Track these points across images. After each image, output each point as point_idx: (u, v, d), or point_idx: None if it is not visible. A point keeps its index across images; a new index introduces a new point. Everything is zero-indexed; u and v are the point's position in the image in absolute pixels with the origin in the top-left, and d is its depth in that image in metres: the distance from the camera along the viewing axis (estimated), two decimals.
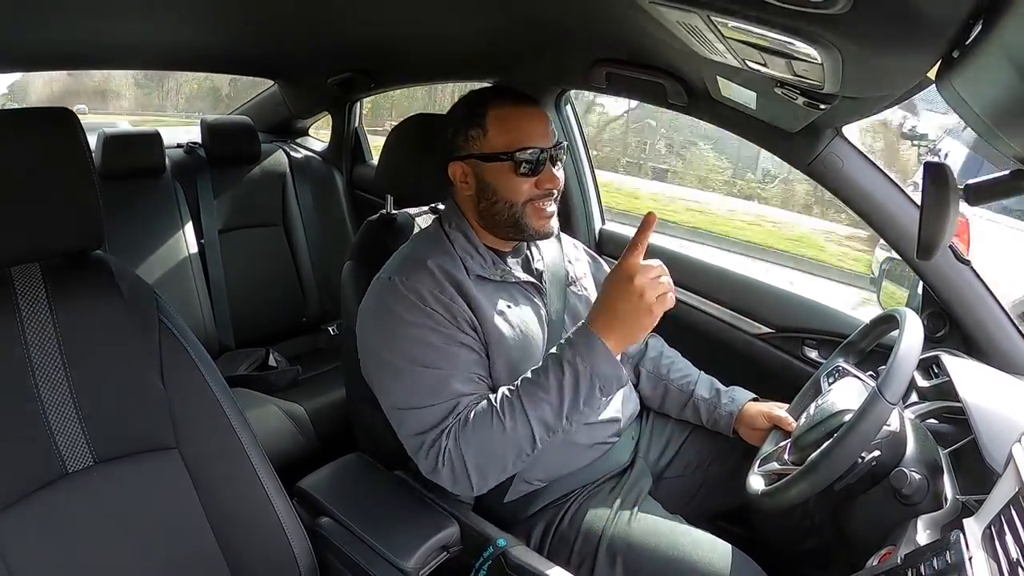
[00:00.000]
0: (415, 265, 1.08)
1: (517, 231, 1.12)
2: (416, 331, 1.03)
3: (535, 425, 0.97)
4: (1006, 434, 0.86)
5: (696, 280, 1.69)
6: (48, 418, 0.83)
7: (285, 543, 0.96)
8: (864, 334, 1.17)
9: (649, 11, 0.79)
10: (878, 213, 1.24)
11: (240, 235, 2.20)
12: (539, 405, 0.97)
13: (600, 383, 0.97)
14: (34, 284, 0.86)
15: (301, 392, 1.92)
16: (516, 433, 0.97)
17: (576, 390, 0.97)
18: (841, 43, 0.63)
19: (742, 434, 1.25)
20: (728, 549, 1.04)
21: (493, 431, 0.98)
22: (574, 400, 0.97)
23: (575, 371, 0.96)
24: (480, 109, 1.11)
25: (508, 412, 0.98)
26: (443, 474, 1.00)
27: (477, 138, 1.10)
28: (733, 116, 1.33)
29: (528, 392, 0.98)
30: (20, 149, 0.81)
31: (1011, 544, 0.68)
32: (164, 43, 1.79)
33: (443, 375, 1.02)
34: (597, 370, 0.96)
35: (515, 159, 1.07)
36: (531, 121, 1.10)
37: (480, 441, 0.98)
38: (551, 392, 0.97)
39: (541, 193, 1.10)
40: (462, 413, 1.00)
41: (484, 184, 1.11)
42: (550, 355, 1.00)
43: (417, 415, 1.01)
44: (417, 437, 1.02)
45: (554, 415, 0.98)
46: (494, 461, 0.99)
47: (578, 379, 0.96)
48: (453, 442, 0.98)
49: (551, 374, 0.98)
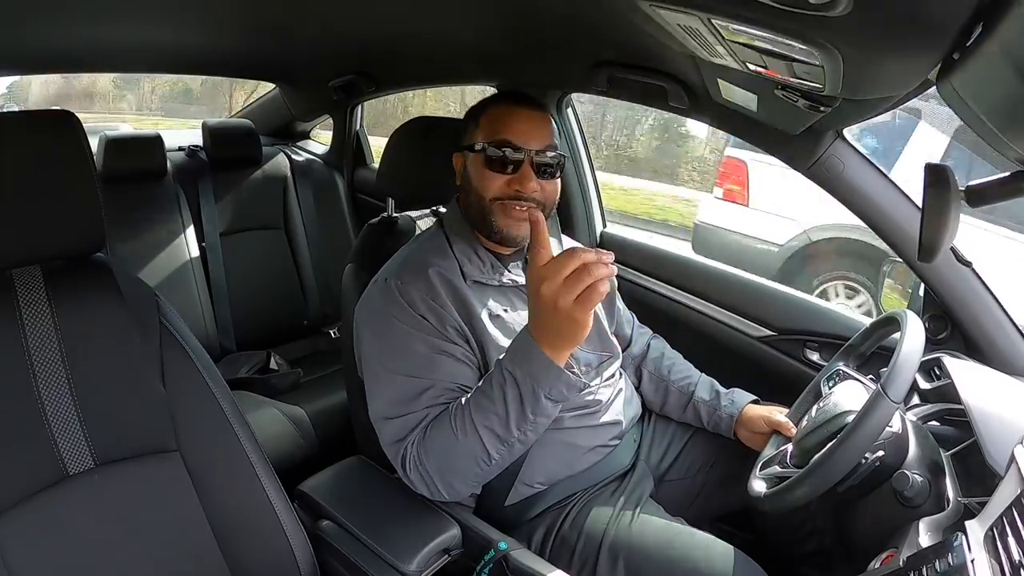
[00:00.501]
0: (412, 269, 1.09)
1: (485, 228, 1.12)
2: (404, 338, 1.04)
3: (484, 436, 0.96)
4: (1008, 436, 0.85)
5: (698, 282, 1.69)
6: (49, 421, 0.83)
7: (286, 546, 0.96)
8: (865, 337, 1.17)
9: (650, 14, 0.79)
10: (879, 215, 1.24)
11: (241, 238, 2.20)
12: (486, 415, 0.96)
13: (545, 391, 0.93)
14: (35, 287, 0.86)
15: (302, 395, 1.92)
16: (468, 444, 0.97)
17: (520, 399, 0.94)
18: (841, 45, 0.64)
19: (742, 437, 1.25)
20: (730, 551, 1.03)
21: (447, 443, 0.98)
22: (520, 409, 0.94)
23: (515, 380, 0.93)
24: (484, 104, 1.14)
25: (459, 422, 0.97)
26: (416, 482, 1.02)
27: (472, 131, 1.13)
28: (734, 119, 1.33)
29: (477, 403, 0.97)
30: (21, 152, 0.81)
31: (1013, 546, 0.68)
32: (167, 46, 1.79)
33: (422, 385, 1.02)
34: (537, 378, 0.92)
35: (485, 151, 1.08)
36: (521, 120, 1.10)
37: (437, 449, 0.99)
38: (496, 402, 0.95)
39: (511, 193, 1.08)
40: (426, 423, 1.01)
41: (467, 176, 1.13)
42: (497, 363, 0.98)
43: (392, 424, 1.03)
44: (393, 446, 1.03)
45: (501, 425, 0.95)
46: (453, 469, 0.99)
47: (519, 387, 0.93)
48: (416, 451, 1.00)
49: (495, 383, 0.96)
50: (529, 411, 0.94)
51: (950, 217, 0.76)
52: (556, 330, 0.89)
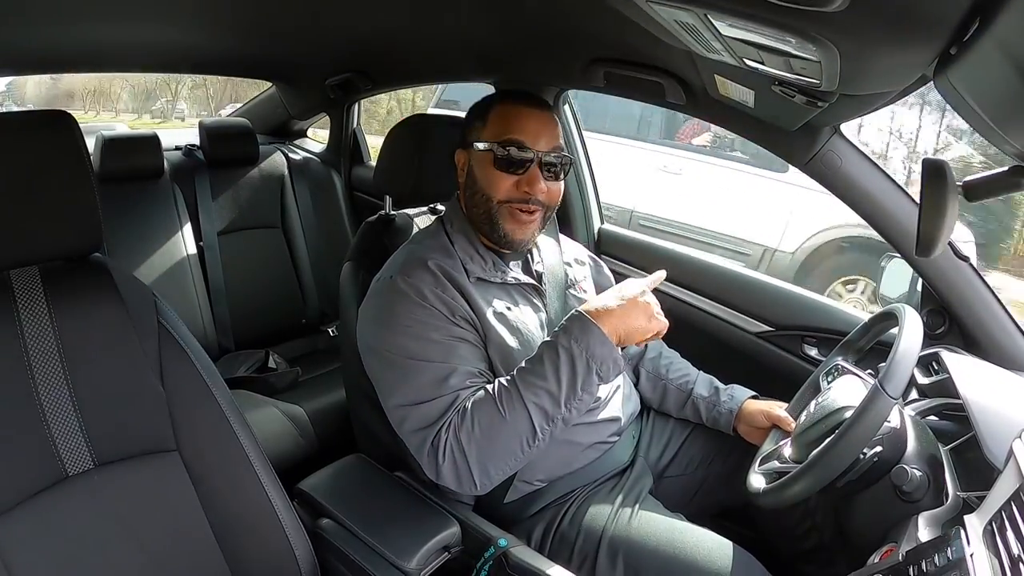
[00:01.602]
0: (416, 264, 1.08)
1: (491, 229, 1.12)
2: (417, 328, 1.03)
3: (533, 413, 0.96)
4: (1006, 430, 0.86)
5: (695, 278, 1.69)
6: (48, 421, 0.83)
7: (286, 545, 0.96)
8: (863, 332, 1.17)
9: (646, 10, 0.79)
10: (877, 211, 1.24)
11: (239, 237, 2.20)
12: (536, 392, 0.96)
13: (597, 366, 0.96)
14: (33, 287, 0.86)
15: (301, 393, 1.91)
16: (516, 422, 0.96)
17: (573, 373, 0.96)
18: (838, 40, 0.63)
19: (742, 432, 1.25)
20: (729, 546, 1.04)
21: (492, 422, 0.97)
22: (571, 384, 0.96)
23: (570, 354, 0.96)
24: (491, 101, 1.14)
25: (506, 401, 0.97)
26: (445, 470, 0.98)
27: (478, 128, 1.12)
28: (732, 114, 1.33)
29: (525, 380, 0.97)
30: (18, 152, 0.81)
31: (1012, 540, 0.68)
32: (162, 46, 1.79)
33: (444, 369, 1.01)
34: (593, 352, 0.96)
35: (495, 150, 1.08)
36: (530, 120, 1.10)
37: (479, 433, 0.97)
38: (548, 379, 0.96)
39: (519, 196, 1.09)
40: (460, 405, 0.99)
41: (472, 174, 1.12)
42: (544, 343, 1.00)
43: (418, 411, 1.00)
44: (418, 433, 1.00)
45: (552, 402, 0.96)
46: (495, 453, 0.98)
47: (574, 362, 0.96)
48: (453, 435, 0.97)
49: (547, 360, 0.97)
50: (580, 385, 0.97)
51: (947, 212, 0.76)
52: (623, 315, 0.99)
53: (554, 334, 1.00)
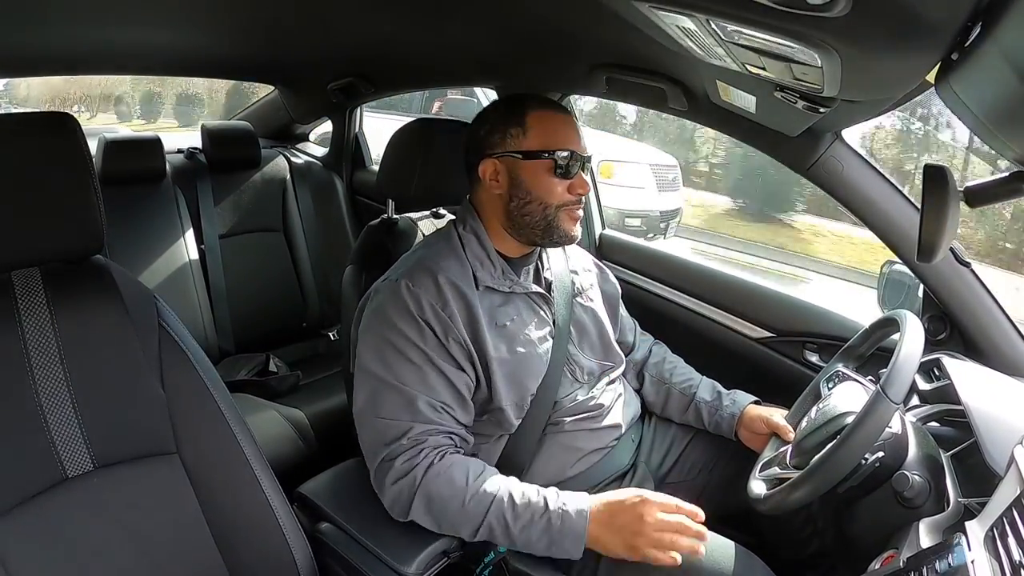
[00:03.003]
0: (424, 273, 1.08)
1: (546, 234, 1.13)
2: (401, 341, 1.04)
3: (489, 519, 0.98)
4: (1007, 436, 0.86)
5: (697, 284, 1.69)
6: (48, 423, 0.83)
7: (285, 548, 0.96)
8: (864, 338, 1.17)
9: (648, 16, 0.79)
10: (878, 216, 1.24)
11: (240, 240, 2.20)
12: (502, 514, 0.98)
13: (554, 551, 0.98)
14: (34, 289, 0.86)
15: (301, 397, 1.91)
16: (467, 509, 0.98)
17: (537, 539, 0.97)
18: (840, 46, 0.64)
19: (742, 438, 1.25)
20: (732, 547, 1.03)
21: (453, 490, 0.99)
22: (526, 541, 0.98)
23: (548, 528, 0.97)
24: (520, 109, 1.13)
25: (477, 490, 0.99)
26: (387, 492, 1.02)
27: (516, 136, 1.11)
28: (733, 120, 1.33)
29: (508, 499, 0.99)
30: (20, 153, 0.81)
31: (1014, 546, 0.68)
32: (165, 49, 1.79)
33: (409, 395, 1.03)
34: (562, 544, 0.97)
35: (555, 159, 1.09)
36: (569, 127, 1.13)
37: (439, 489, 0.99)
38: (519, 515, 0.98)
39: (572, 199, 1.12)
40: (428, 445, 1.01)
41: (518, 183, 1.11)
42: (547, 495, 0.99)
43: (373, 425, 1.04)
44: (370, 447, 1.04)
45: (503, 533, 0.98)
46: (438, 513, 1.00)
47: (548, 534, 0.97)
48: (421, 471, 0.99)
49: (533, 507, 0.98)
50: (531, 546, 0.98)
51: (949, 218, 0.76)
52: (619, 534, 0.95)
53: (557, 499, 0.99)
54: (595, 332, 1.26)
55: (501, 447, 1.14)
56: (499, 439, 1.14)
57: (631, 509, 0.95)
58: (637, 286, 1.78)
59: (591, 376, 1.22)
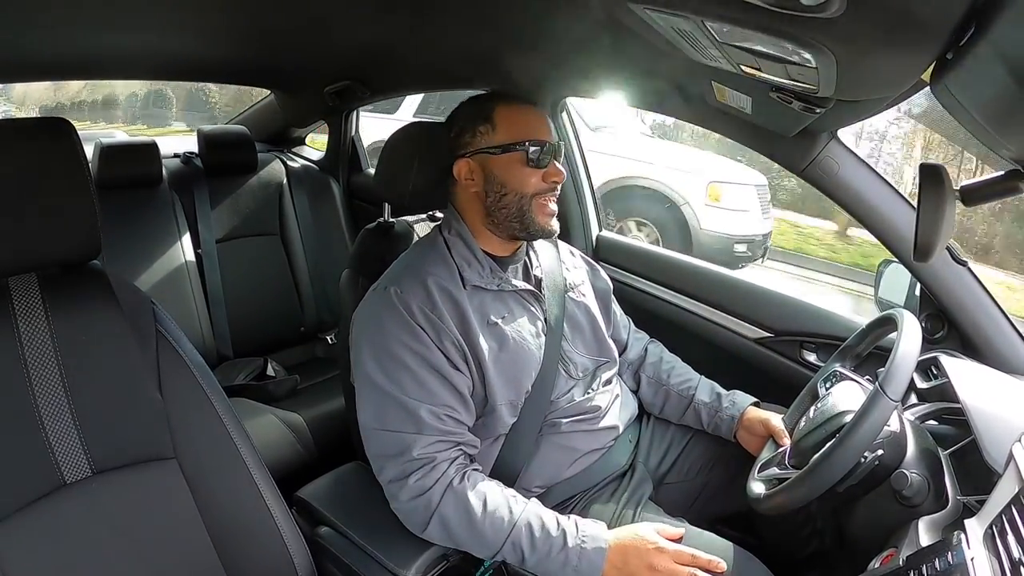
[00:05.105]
0: (412, 278, 1.09)
1: (522, 227, 1.14)
2: (398, 348, 1.04)
3: (505, 548, 0.98)
4: (1006, 434, 0.86)
5: (694, 285, 1.69)
6: (45, 429, 0.83)
7: (284, 553, 0.96)
8: (861, 337, 1.17)
9: (643, 17, 0.79)
10: (874, 216, 1.25)
11: (237, 245, 2.19)
12: (520, 544, 0.98)
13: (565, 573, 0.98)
14: (31, 294, 0.85)
15: (299, 401, 1.91)
16: (484, 537, 0.99)
17: (554, 573, 0.98)
18: (835, 46, 0.64)
19: (741, 439, 1.25)
20: (731, 548, 1.03)
21: (472, 516, 0.99)
22: (543, 573, 0.99)
23: (565, 564, 0.97)
24: (487, 106, 1.15)
25: (495, 517, 0.99)
26: (402, 507, 1.02)
27: (486, 133, 1.13)
28: (729, 121, 1.33)
29: (527, 529, 0.99)
30: (16, 159, 0.81)
31: (1013, 544, 0.68)
32: (162, 53, 1.79)
33: (411, 406, 1.02)
34: (577, 570, 0.97)
35: (526, 150, 1.11)
36: (536, 117, 1.15)
37: (457, 514, 0.99)
38: (537, 548, 0.98)
39: (547, 187, 1.13)
40: (439, 461, 1.01)
41: (492, 178, 1.13)
42: (567, 528, 1.00)
43: (379, 438, 1.03)
44: (378, 459, 1.04)
45: (518, 562, 0.99)
46: (455, 536, 1.00)
47: (564, 571, 0.97)
48: (438, 495, 0.99)
49: (552, 540, 0.98)
50: (539, 571, 0.99)
51: (945, 217, 0.76)
52: (630, 572, 0.97)
53: (578, 538, 0.99)
54: (588, 327, 1.26)
55: (497, 449, 1.14)
56: (495, 441, 1.14)
57: (644, 555, 0.97)
58: (635, 287, 1.78)
59: (585, 372, 1.22)
